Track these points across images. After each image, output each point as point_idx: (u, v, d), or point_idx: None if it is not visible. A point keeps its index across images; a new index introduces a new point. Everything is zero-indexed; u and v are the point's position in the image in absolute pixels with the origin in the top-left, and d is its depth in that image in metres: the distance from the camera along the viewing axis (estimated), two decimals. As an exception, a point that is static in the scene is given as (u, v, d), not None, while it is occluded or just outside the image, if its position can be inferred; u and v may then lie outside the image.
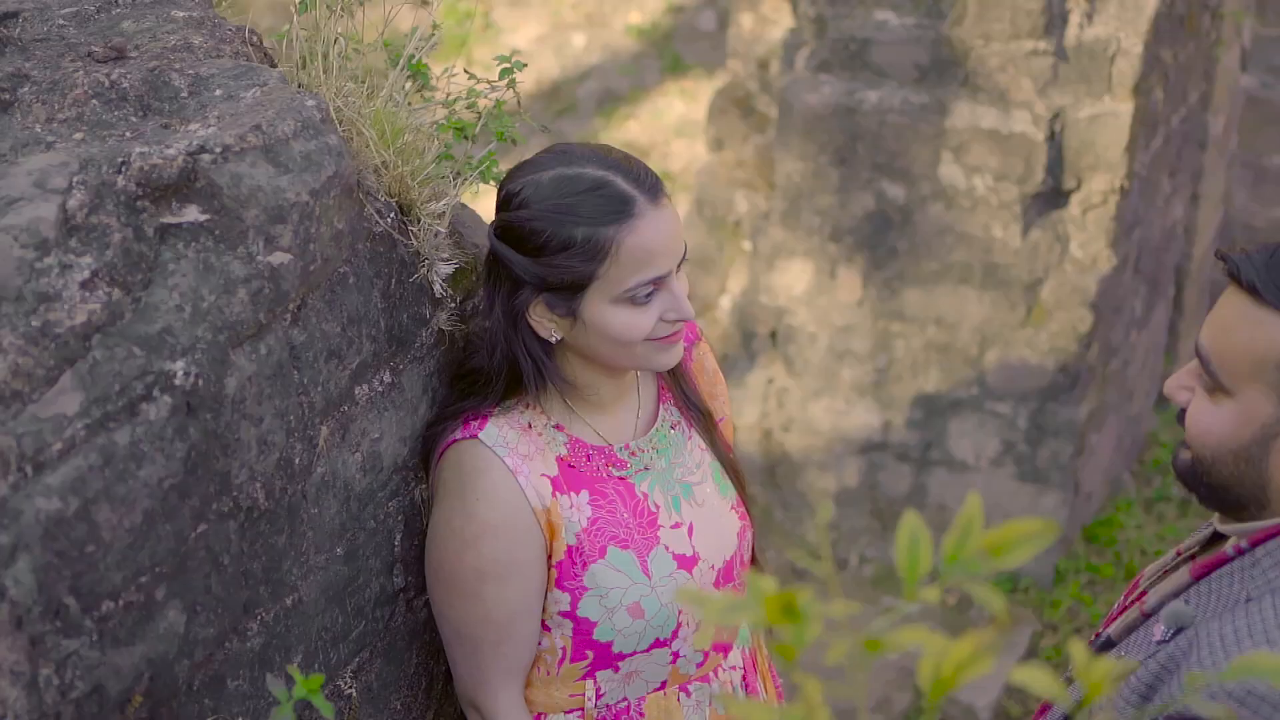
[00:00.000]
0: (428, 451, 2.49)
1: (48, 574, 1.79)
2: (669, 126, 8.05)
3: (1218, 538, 2.21)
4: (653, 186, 2.38)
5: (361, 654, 2.45)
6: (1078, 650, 1.24)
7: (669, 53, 8.47)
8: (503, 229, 2.39)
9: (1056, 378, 5.68)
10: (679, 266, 2.42)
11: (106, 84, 2.21)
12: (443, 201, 2.45)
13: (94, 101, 2.19)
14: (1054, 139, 5.37)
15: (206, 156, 2.07)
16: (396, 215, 2.38)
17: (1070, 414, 5.74)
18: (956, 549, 1.33)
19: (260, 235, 2.08)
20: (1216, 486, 2.12)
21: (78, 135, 2.14)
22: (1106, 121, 5.34)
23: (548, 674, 2.54)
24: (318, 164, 2.14)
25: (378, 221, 2.32)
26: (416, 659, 2.60)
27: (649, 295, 2.38)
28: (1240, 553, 2.10)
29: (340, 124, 2.32)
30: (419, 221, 2.41)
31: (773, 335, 6.01)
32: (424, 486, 2.52)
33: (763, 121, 6.19)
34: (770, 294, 5.90)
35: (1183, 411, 2.15)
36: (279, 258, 2.10)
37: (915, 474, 5.99)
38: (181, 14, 2.48)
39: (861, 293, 5.76)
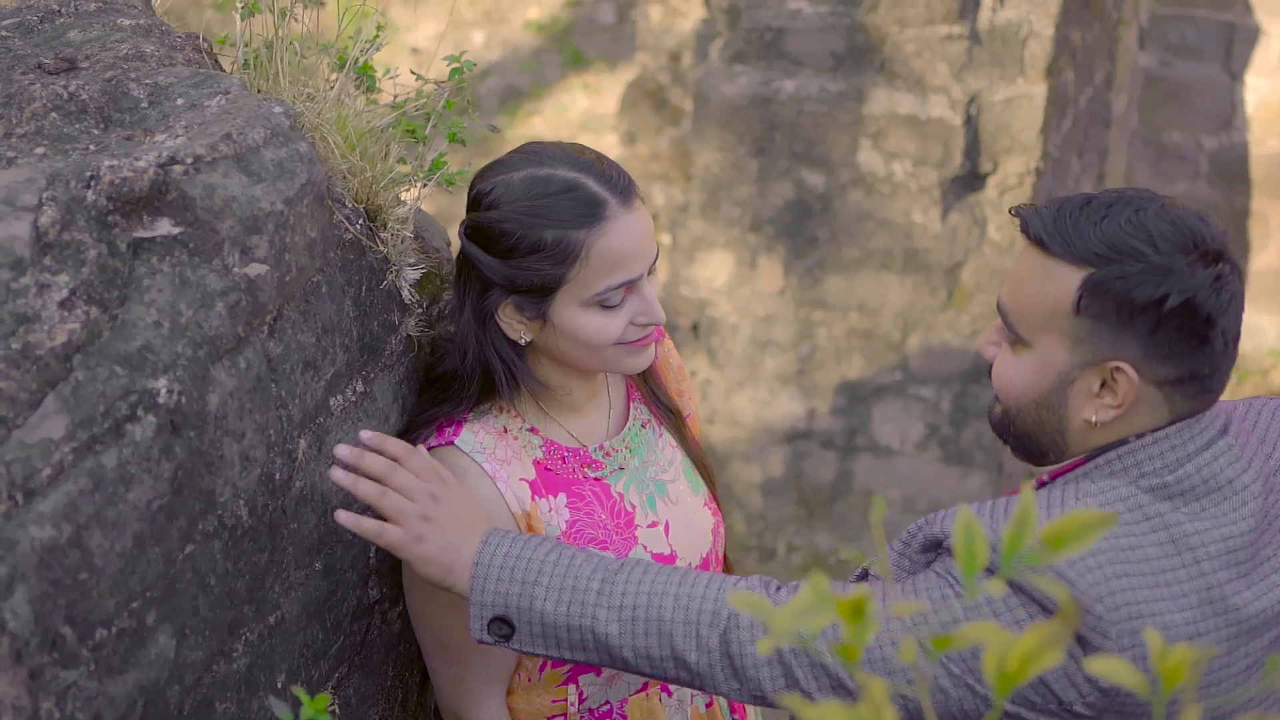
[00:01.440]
0: (400, 460, 2.45)
1: (44, 604, 1.73)
2: (573, 122, 8.02)
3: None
4: (625, 189, 2.34)
5: (340, 669, 2.41)
6: (1153, 638, 1.24)
7: (569, 47, 8.43)
8: (472, 229, 2.35)
9: (978, 360, 5.72)
10: (651, 269, 2.40)
11: (65, 96, 2.15)
12: (407, 206, 2.41)
13: (53, 114, 2.13)
14: (970, 123, 5.41)
15: (178, 168, 2.01)
16: (364, 221, 2.33)
17: (992, 395, 5.78)
18: (1014, 541, 1.32)
19: (236, 247, 2.03)
20: (1022, 435, 2.21)
21: (39, 150, 2.08)
22: (1021, 104, 5.38)
23: (529, 680, 2.51)
24: (290, 172, 2.09)
25: (347, 228, 2.28)
26: (393, 671, 2.56)
27: (620, 299, 2.35)
28: (1042, 484, 2.20)
29: (303, 129, 2.27)
30: (385, 226, 2.37)
31: (695, 328, 6.00)
32: (397, 496, 2.47)
33: (676, 114, 6.18)
34: (691, 286, 5.90)
35: (992, 366, 2.23)
36: (255, 269, 2.05)
37: (840, 461, 6.01)
38: (129, 22, 2.42)
39: (783, 282, 5.77)
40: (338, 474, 2.16)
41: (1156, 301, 2.05)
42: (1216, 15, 7.19)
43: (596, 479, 2.49)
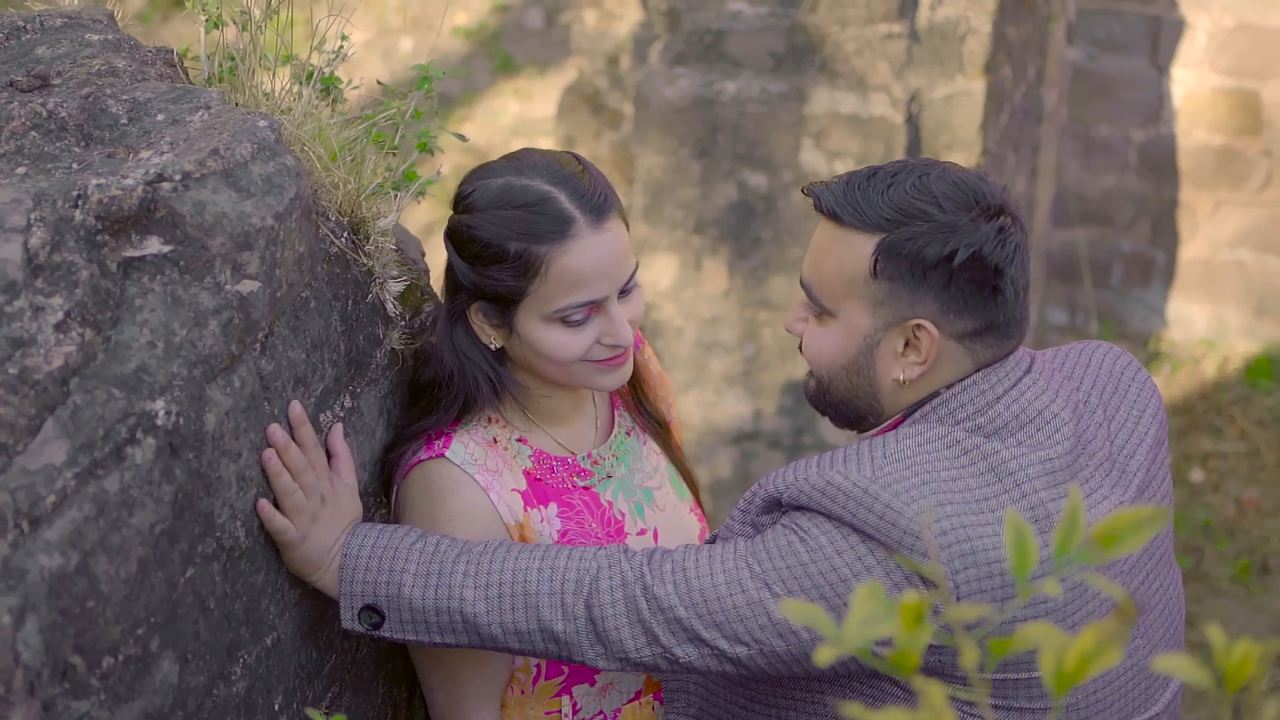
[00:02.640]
0: (387, 476, 2.42)
1: (54, 634, 1.70)
2: (505, 127, 7.98)
3: None
4: (599, 207, 2.30)
5: (333, 688, 2.37)
6: (1216, 634, 1.24)
7: (499, 53, 8.38)
8: (450, 230, 2.35)
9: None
10: (625, 289, 2.35)
11: (44, 114, 2.11)
12: (388, 217, 2.38)
13: (33, 133, 2.09)
14: (911, 121, 5.43)
15: (166, 185, 1.98)
16: (348, 234, 2.30)
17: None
18: (1064, 541, 1.32)
19: (227, 264, 2.00)
20: (838, 403, 2.32)
21: (20, 170, 2.04)
22: (960, 100, 5.41)
23: (522, 693, 2.49)
24: (279, 186, 2.06)
25: (332, 242, 2.25)
26: (383, 689, 2.53)
27: (583, 317, 2.32)
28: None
29: (285, 143, 2.24)
30: (368, 239, 2.34)
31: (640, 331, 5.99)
32: (384, 511, 2.44)
33: (615, 117, 6.16)
34: (635, 290, 5.88)
35: (801, 342, 2.33)
36: (247, 286, 2.02)
37: (788, 461, 6.01)
38: (96, 37, 2.38)
39: (728, 283, 5.76)
40: (270, 461, 2.13)
41: (946, 257, 2.16)
42: (1142, 9, 7.26)
43: (585, 488, 2.47)
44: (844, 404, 2.30)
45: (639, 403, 2.59)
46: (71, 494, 1.75)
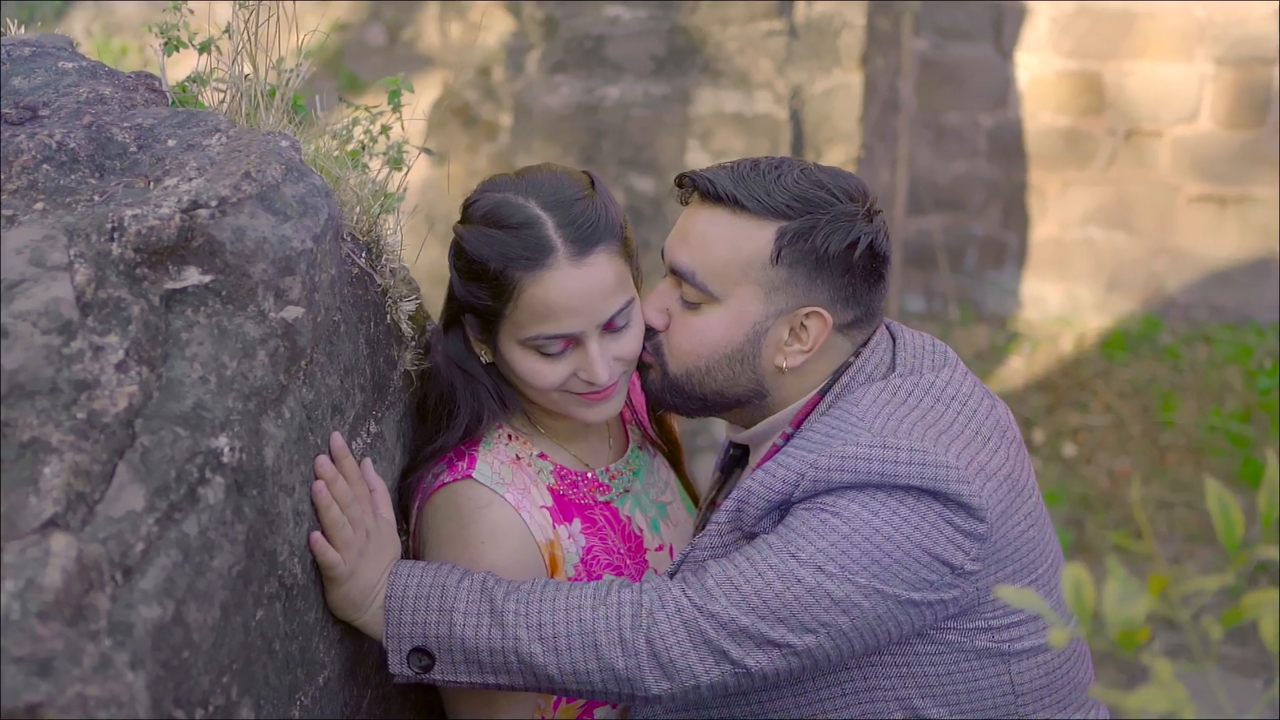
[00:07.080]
0: (405, 500, 2.35)
1: (157, 689, 1.61)
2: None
3: (739, 449, 2.45)
4: (584, 239, 2.23)
5: (369, 724, 2.30)
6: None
7: (343, 71, 8.25)
8: (454, 238, 2.29)
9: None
10: (617, 327, 2.28)
11: (54, 146, 2.00)
12: (393, 235, 2.32)
13: (45, 166, 1.98)
14: (794, 116, 5.46)
15: (203, 212, 1.89)
16: (366, 255, 2.23)
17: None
18: (1269, 509, 1.32)
19: (270, 290, 1.92)
20: (712, 394, 2.30)
21: (38, 205, 1.93)
22: (839, 94, 5.45)
23: (543, 718, 2.43)
24: (313, 208, 1.99)
25: (354, 263, 2.17)
26: (408, 720, 2.46)
27: (558, 349, 2.26)
28: (788, 438, 2.29)
29: (295, 164, 2.16)
30: (380, 258, 2.27)
31: (529, 343, 5.94)
32: (404, 538, 2.36)
33: (492, 129, 6.10)
34: (522, 302, 5.82)
35: (651, 333, 2.31)
36: (292, 312, 1.94)
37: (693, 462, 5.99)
38: (71, 65, 2.27)
39: (618, 289, 5.74)
40: (321, 494, 2.06)
41: (849, 247, 2.20)
42: (985, -3, 7.40)
43: (605, 503, 2.42)
44: (717, 394, 2.29)
45: (656, 425, 2.55)
46: (156, 540, 1.66)
